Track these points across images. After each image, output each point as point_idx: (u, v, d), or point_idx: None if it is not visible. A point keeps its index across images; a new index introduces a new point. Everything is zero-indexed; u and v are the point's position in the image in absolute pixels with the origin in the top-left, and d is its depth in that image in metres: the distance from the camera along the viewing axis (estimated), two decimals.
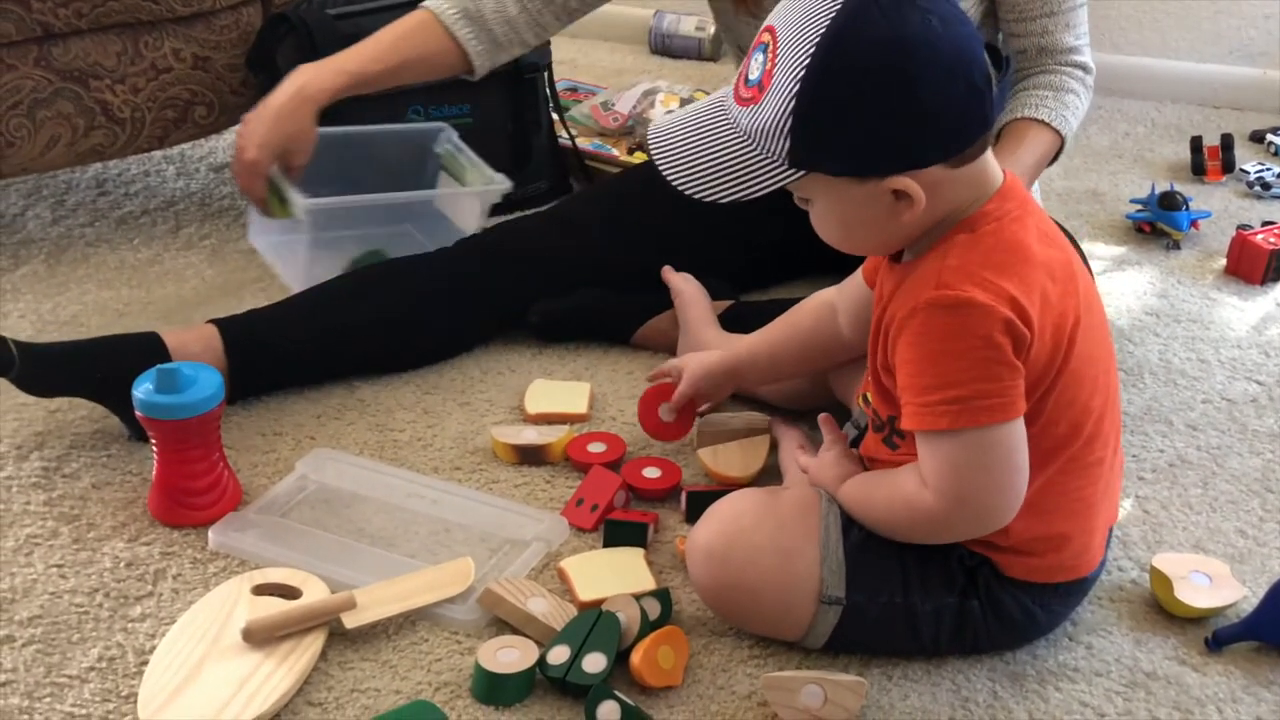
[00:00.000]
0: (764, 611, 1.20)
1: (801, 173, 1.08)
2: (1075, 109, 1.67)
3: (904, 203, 1.08)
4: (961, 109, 1.06)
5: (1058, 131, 1.65)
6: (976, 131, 1.08)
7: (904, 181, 1.07)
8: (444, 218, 1.83)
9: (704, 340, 1.64)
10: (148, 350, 1.49)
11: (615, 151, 2.27)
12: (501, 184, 1.80)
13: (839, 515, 1.20)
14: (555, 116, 2.22)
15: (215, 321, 1.58)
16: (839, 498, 1.21)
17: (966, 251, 1.08)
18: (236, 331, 1.57)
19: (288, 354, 1.60)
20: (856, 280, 1.35)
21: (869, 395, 1.22)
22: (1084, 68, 1.69)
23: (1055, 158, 1.68)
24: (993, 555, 1.18)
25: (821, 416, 1.31)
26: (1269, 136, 2.52)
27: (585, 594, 1.26)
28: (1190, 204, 2.12)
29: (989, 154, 1.11)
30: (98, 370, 1.47)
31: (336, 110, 1.95)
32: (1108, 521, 1.24)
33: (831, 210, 1.13)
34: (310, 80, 1.68)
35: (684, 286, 1.70)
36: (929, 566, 1.18)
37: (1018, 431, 1.09)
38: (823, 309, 1.42)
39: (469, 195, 1.83)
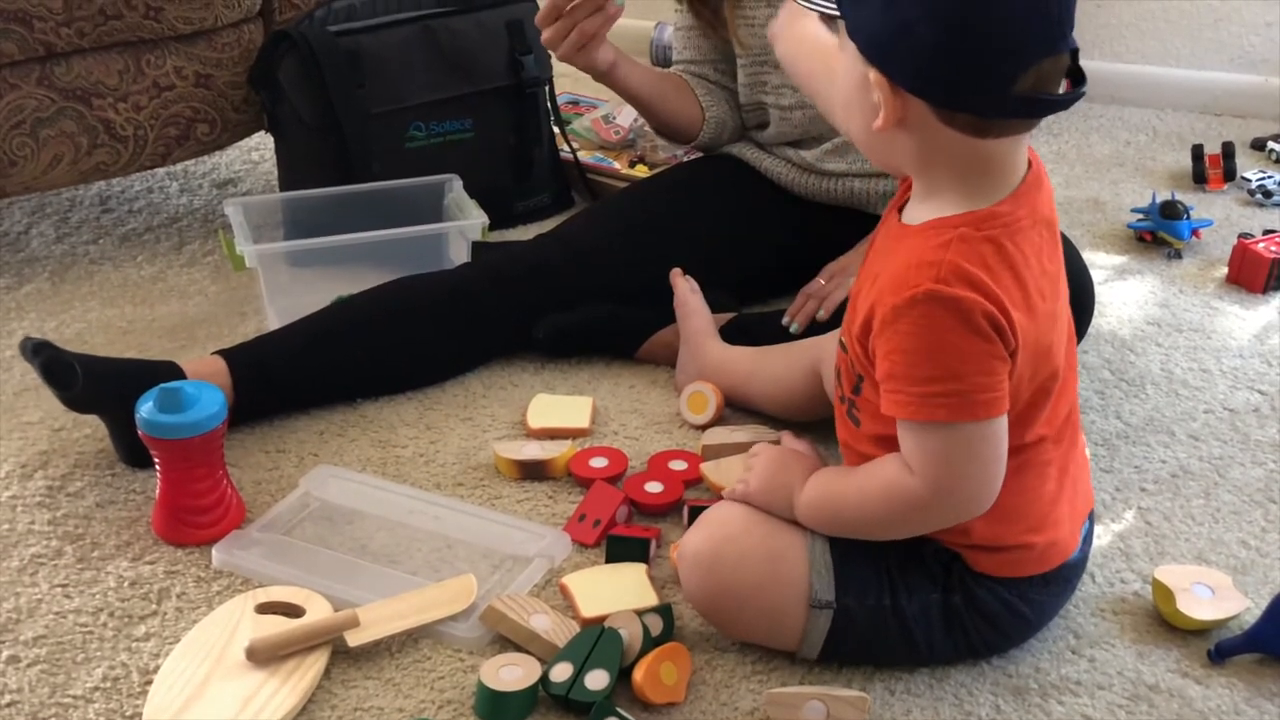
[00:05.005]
0: (754, 618, 1.20)
1: (837, 11, 1.07)
2: None
3: (882, 110, 1.06)
4: (973, 64, 1.00)
5: None
6: (974, 104, 1.03)
7: (880, 83, 1.04)
8: (442, 256, 1.85)
9: (704, 352, 1.64)
10: (169, 377, 1.48)
11: (617, 165, 2.27)
12: (476, 220, 1.82)
13: None
14: (556, 130, 2.22)
15: (222, 353, 1.58)
16: (797, 508, 1.19)
17: (968, 247, 1.06)
18: (245, 365, 1.57)
19: (296, 386, 1.61)
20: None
21: (844, 341, 1.19)
22: None
23: None
24: (961, 551, 1.18)
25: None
26: (1270, 144, 2.51)
27: (588, 610, 1.26)
28: (1191, 212, 2.12)
29: (1011, 147, 1.07)
30: (126, 390, 1.45)
31: (342, 133, 1.97)
32: (1077, 511, 1.23)
33: (846, 69, 1.10)
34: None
35: (689, 297, 1.69)
36: (908, 565, 1.18)
37: (1004, 425, 1.09)
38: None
39: (454, 233, 1.84)
